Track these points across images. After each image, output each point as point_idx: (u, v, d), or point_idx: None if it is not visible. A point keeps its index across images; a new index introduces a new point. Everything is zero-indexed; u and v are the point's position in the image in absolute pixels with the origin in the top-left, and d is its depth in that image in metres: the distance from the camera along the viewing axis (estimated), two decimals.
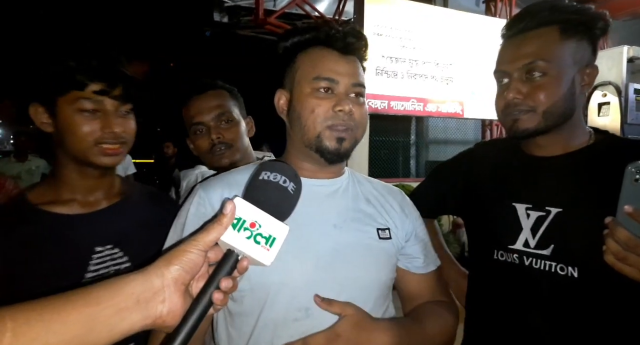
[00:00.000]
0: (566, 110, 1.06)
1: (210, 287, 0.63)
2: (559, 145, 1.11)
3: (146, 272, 0.61)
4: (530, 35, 1.06)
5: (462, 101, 6.49)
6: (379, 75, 5.66)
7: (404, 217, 1.12)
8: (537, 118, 1.06)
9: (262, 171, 0.73)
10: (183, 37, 7.55)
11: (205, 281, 0.65)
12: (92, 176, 1.10)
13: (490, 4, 7.26)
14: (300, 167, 1.04)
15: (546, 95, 1.04)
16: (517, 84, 1.07)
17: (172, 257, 0.62)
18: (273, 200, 0.70)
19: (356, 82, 1.01)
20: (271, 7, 5.81)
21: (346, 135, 0.99)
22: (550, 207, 1.07)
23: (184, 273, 0.62)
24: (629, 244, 0.79)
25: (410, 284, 1.13)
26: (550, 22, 1.05)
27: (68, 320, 0.55)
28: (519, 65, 1.06)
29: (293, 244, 0.93)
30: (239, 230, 0.65)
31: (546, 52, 1.03)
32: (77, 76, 1.01)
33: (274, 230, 0.67)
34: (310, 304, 0.94)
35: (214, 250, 0.66)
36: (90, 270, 1.03)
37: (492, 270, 1.17)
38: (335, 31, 1.00)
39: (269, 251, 0.66)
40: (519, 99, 1.07)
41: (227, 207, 0.64)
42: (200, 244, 0.63)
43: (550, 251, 1.05)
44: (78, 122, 1.01)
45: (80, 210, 1.09)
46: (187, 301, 0.63)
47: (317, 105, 0.98)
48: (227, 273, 0.65)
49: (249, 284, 0.95)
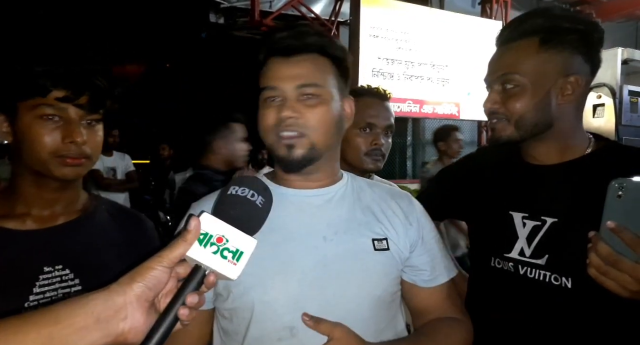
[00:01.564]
0: (540, 120, 1.07)
1: (176, 303, 0.63)
2: (553, 153, 1.11)
3: (108, 290, 0.61)
4: (510, 47, 1.10)
5: (458, 102, 6.51)
6: (375, 77, 5.67)
7: (408, 225, 1.04)
8: (510, 127, 1.09)
9: (231, 186, 0.73)
10: (179, 38, 7.54)
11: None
12: (51, 189, 1.01)
13: (486, 5, 7.29)
14: (287, 178, 1.00)
15: (517, 106, 1.07)
16: (494, 93, 1.12)
17: (135, 274, 0.62)
18: (241, 214, 0.70)
19: (302, 83, 0.93)
20: (267, 8, 5.81)
21: (295, 141, 0.93)
22: (545, 216, 1.07)
23: (147, 290, 0.62)
24: (609, 259, 0.80)
25: (417, 298, 1.06)
26: (532, 32, 1.06)
27: (26, 340, 0.55)
28: (496, 76, 1.11)
29: (277, 260, 0.92)
30: (206, 246, 0.65)
31: (520, 65, 1.06)
32: (39, 81, 0.93)
33: (241, 244, 0.66)
34: (295, 322, 0.89)
35: (182, 266, 0.66)
36: (35, 292, 0.94)
37: (489, 276, 1.17)
38: (273, 37, 0.97)
39: (235, 265, 0.65)
40: (494, 108, 1.11)
41: (190, 223, 0.64)
42: (164, 261, 0.62)
43: (544, 261, 1.05)
44: (38, 130, 0.94)
45: (33, 225, 1.00)
46: (152, 318, 0.63)
47: (263, 115, 0.96)
48: (194, 288, 0.64)
49: (232, 303, 0.92)
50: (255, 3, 5.45)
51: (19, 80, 0.95)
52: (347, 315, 0.91)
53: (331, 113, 0.96)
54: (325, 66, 0.97)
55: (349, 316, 0.91)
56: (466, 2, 7.57)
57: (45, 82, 0.94)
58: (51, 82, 0.94)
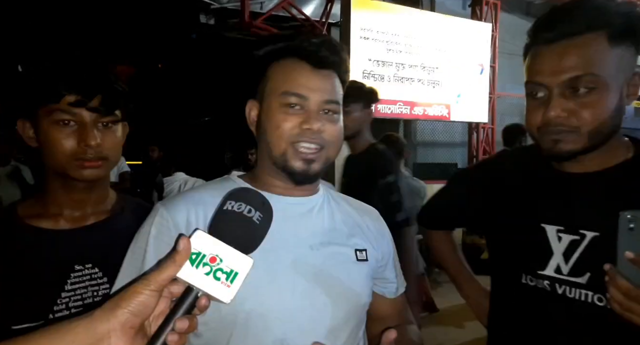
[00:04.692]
0: (614, 127, 0.94)
1: (165, 328, 0.59)
2: (596, 161, 0.97)
3: (91, 317, 0.58)
4: (574, 43, 0.90)
5: (449, 104, 6.56)
6: (365, 79, 5.69)
7: (380, 238, 1.06)
8: (582, 139, 0.92)
9: (227, 201, 0.68)
10: (170, 39, 7.51)
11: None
12: (78, 190, 1.05)
13: (476, 7, 7.34)
14: (272, 183, 0.98)
15: (593, 114, 0.90)
16: (560, 100, 0.92)
17: (120, 299, 0.58)
18: (237, 232, 0.66)
19: (329, 99, 0.93)
20: (258, 9, 5.81)
21: (315, 156, 0.92)
22: (584, 230, 0.96)
23: (133, 317, 0.57)
24: (630, 294, 0.76)
25: (382, 307, 1.07)
26: (597, 26, 0.90)
27: None
28: (563, 79, 0.91)
29: (268, 268, 0.87)
30: (198, 266, 0.61)
31: (595, 65, 0.89)
32: (53, 87, 0.96)
33: (236, 264, 0.63)
34: (286, 335, 0.86)
35: (177, 285, 0.62)
36: (67, 289, 0.98)
37: (520, 294, 1.07)
38: (308, 43, 0.93)
39: (229, 288, 0.61)
40: (562, 118, 0.92)
41: (180, 244, 0.60)
42: (152, 284, 0.59)
43: (586, 280, 0.95)
44: (55, 135, 0.97)
45: (66, 225, 1.05)
46: (139, 344, 0.59)
47: (283, 120, 0.91)
48: (185, 312, 0.60)
49: (219, 313, 0.85)
50: (245, 4, 5.45)
51: (34, 87, 0.99)
52: (337, 325, 0.91)
53: (342, 130, 0.98)
54: (339, 85, 0.98)
55: (337, 325, 0.91)
56: (456, 4, 7.63)
57: (58, 87, 0.96)
58: (63, 87, 0.97)
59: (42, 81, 0.97)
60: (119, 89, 1.04)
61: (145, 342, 0.60)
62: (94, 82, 0.99)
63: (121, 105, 1.05)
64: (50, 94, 0.97)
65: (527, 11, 8.28)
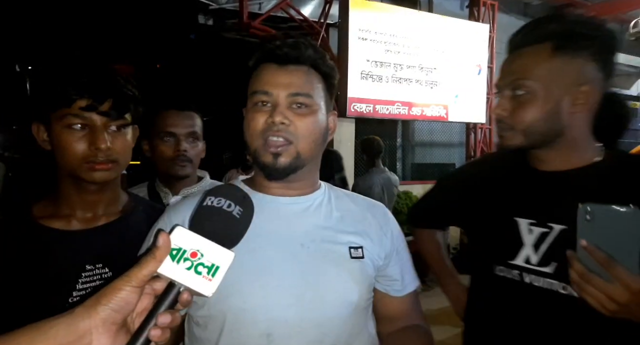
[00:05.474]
0: (549, 130, 1.03)
1: (148, 323, 0.59)
2: (559, 160, 1.07)
3: (73, 314, 0.58)
4: (522, 52, 1.05)
5: (446, 105, 6.58)
6: (364, 79, 5.71)
7: (383, 236, 1.07)
8: (518, 136, 1.05)
9: (207, 196, 0.70)
10: (168, 39, 7.51)
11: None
12: (89, 191, 1.08)
13: (474, 8, 7.35)
14: (265, 184, 1.01)
15: (526, 114, 1.03)
16: (504, 100, 1.07)
17: (101, 296, 0.59)
18: (217, 226, 0.66)
19: (295, 92, 0.95)
20: (256, 10, 5.81)
21: (281, 150, 0.94)
22: (553, 223, 1.04)
23: (114, 313, 0.58)
24: (583, 277, 0.83)
25: (388, 306, 1.09)
26: (545, 38, 1.02)
27: None
28: (507, 81, 1.07)
29: (254, 267, 0.92)
30: (179, 261, 0.61)
31: (532, 71, 1.02)
32: (64, 92, 0.99)
33: (217, 258, 0.63)
34: (272, 329, 0.89)
35: (159, 281, 0.63)
36: (79, 288, 1.01)
37: (492, 285, 1.14)
38: (273, 45, 0.98)
39: (210, 281, 0.62)
40: (502, 115, 1.07)
41: (159, 240, 0.60)
42: (132, 281, 0.59)
43: (553, 269, 1.02)
44: (66, 139, 1.00)
45: (78, 226, 1.08)
46: (122, 340, 0.60)
47: (252, 119, 0.96)
48: (168, 307, 0.61)
49: (208, 311, 0.92)
50: (244, 5, 5.44)
51: (46, 92, 1.02)
52: (325, 321, 0.93)
53: (318, 124, 0.98)
54: (316, 79, 1.00)
55: (326, 322, 0.93)
56: (454, 5, 7.64)
57: (69, 92, 0.99)
58: (74, 92, 0.99)
59: (54, 86, 1.00)
60: (129, 93, 1.07)
61: (127, 338, 0.60)
62: (104, 86, 1.02)
63: (131, 109, 1.08)
64: (61, 99, 0.99)
65: (525, 12, 8.31)
